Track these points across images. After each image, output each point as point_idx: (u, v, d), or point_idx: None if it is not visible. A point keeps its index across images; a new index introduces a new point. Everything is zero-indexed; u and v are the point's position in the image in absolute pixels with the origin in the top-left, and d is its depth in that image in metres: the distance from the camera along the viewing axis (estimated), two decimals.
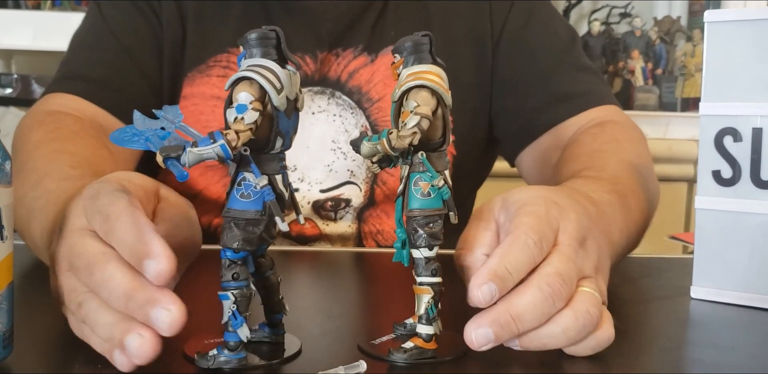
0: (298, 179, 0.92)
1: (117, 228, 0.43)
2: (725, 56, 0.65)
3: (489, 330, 0.44)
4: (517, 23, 0.95)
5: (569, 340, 0.46)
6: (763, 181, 0.63)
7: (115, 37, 0.91)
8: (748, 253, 0.64)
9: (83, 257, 0.44)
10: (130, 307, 0.42)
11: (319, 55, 0.92)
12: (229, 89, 0.44)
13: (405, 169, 0.48)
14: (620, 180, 0.68)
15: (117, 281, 0.42)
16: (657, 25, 2.52)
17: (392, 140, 0.44)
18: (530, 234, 0.46)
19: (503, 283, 0.44)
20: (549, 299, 0.44)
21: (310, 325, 0.56)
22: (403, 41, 0.47)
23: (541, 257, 0.46)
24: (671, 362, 0.50)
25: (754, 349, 0.54)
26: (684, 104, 2.44)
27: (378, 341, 0.51)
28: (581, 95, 0.91)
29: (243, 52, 0.45)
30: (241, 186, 0.44)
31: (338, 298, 0.67)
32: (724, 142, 0.65)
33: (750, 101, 0.64)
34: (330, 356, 0.49)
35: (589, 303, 0.46)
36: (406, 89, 0.46)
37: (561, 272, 0.45)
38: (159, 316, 0.41)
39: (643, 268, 0.78)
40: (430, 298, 0.47)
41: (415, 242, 0.47)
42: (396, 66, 0.46)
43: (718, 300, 0.65)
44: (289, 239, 0.93)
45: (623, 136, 0.83)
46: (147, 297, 0.42)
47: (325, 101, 0.93)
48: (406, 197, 0.48)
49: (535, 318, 0.45)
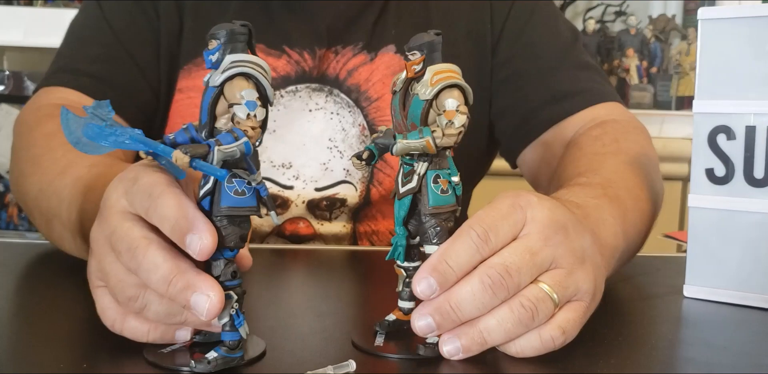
0: (293, 176, 0.91)
1: (160, 205, 0.43)
2: (719, 54, 0.65)
3: (430, 318, 0.46)
4: (518, 22, 0.95)
5: (507, 334, 0.46)
6: (757, 179, 0.63)
7: (112, 31, 0.90)
8: (741, 252, 0.64)
9: (125, 241, 0.44)
10: (171, 292, 0.43)
11: (317, 51, 0.92)
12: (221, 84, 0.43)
13: (421, 166, 0.48)
14: (614, 183, 0.67)
15: (158, 265, 0.43)
16: (652, 23, 2.52)
17: (437, 138, 0.45)
18: (474, 227, 0.46)
19: (443, 277, 0.46)
20: (488, 289, 0.45)
21: (300, 324, 0.55)
22: (420, 39, 0.47)
23: (487, 248, 0.46)
24: (664, 361, 0.50)
25: (746, 348, 0.54)
26: (679, 103, 2.44)
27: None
28: (583, 93, 0.91)
29: (218, 46, 0.43)
30: (232, 183, 0.44)
31: (329, 296, 0.67)
32: (718, 140, 0.65)
33: (743, 99, 0.63)
34: (319, 355, 0.48)
35: (526, 297, 0.46)
36: (441, 88, 0.46)
37: (507, 263, 0.46)
38: (198, 301, 0.42)
39: (636, 266, 0.78)
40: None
41: (432, 239, 0.48)
42: (414, 63, 0.46)
43: (711, 299, 0.65)
44: (283, 238, 0.93)
45: (624, 135, 0.82)
46: (186, 282, 0.43)
47: (323, 99, 0.92)
48: (424, 195, 0.48)
49: (475, 308, 0.45)
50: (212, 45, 0.42)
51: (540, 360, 0.48)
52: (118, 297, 0.46)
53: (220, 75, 0.42)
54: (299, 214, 0.92)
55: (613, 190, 0.65)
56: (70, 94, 0.86)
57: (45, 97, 0.87)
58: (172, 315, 0.45)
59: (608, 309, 0.63)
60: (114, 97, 0.87)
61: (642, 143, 0.82)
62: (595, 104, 0.90)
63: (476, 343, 0.46)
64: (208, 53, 0.43)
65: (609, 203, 0.61)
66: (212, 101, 0.43)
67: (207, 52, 0.43)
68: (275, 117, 0.91)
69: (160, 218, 0.44)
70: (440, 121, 0.47)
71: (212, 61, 0.43)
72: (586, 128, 0.86)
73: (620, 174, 0.70)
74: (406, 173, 0.48)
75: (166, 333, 0.46)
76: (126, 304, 0.45)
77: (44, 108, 0.84)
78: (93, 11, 0.92)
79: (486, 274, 0.45)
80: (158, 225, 0.44)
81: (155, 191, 0.44)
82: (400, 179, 0.49)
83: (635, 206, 0.67)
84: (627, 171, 0.72)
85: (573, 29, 0.99)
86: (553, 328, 0.47)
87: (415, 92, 0.47)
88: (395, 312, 0.52)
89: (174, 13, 0.91)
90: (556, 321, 0.47)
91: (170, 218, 0.43)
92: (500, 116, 0.95)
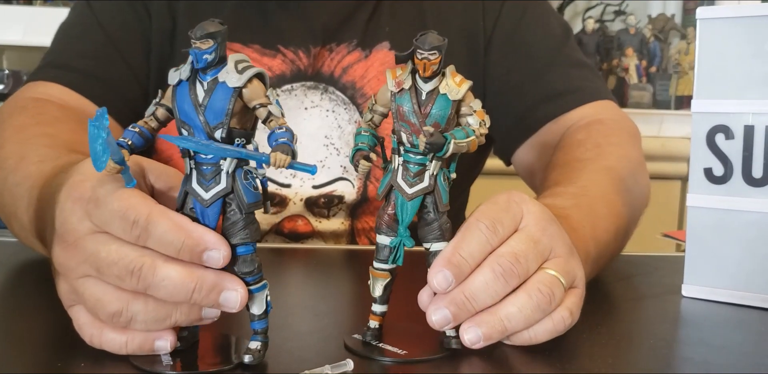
0: (291, 174, 0.92)
1: (155, 231, 0.43)
2: (717, 53, 0.65)
3: (446, 310, 0.47)
4: (510, 21, 0.95)
5: (527, 320, 0.47)
6: (755, 179, 0.63)
7: (102, 29, 0.90)
8: (739, 251, 0.63)
9: (122, 264, 0.43)
10: (195, 298, 0.43)
11: (312, 49, 0.92)
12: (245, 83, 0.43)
13: (435, 166, 0.48)
14: (588, 191, 0.69)
15: (173, 278, 0.43)
16: (651, 22, 2.52)
17: (478, 137, 0.47)
18: (482, 219, 0.48)
19: (458, 269, 0.47)
20: (500, 278, 0.47)
21: (297, 323, 0.55)
22: (437, 40, 0.46)
23: (497, 239, 0.48)
24: (662, 360, 0.50)
25: (745, 348, 0.53)
26: (678, 102, 2.44)
27: (357, 336, 0.51)
28: (575, 91, 0.91)
29: (215, 45, 0.42)
30: (248, 179, 0.45)
31: (327, 296, 0.67)
32: (716, 139, 0.65)
33: (742, 99, 0.63)
34: (317, 354, 0.48)
35: (541, 282, 0.48)
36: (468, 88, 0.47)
37: (515, 251, 0.47)
38: (229, 298, 0.44)
39: (634, 266, 0.78)
40: None
41: (445, 236, 0.48)
42: (434, 63, 0.46)
43: (709, 299, 0.65)
44: (281, 236, 0.93)
45: (607, 139, 0.82)
46: (211, 285, 0.44)
47: (318, 96, 0.92)
48: (437, 193, 0.48)
49: (489, 297, 0.47)
50: (207, 44, 0.42)
51: (538, 359, 0.48)
52: (99, 316, 0.45)
53: (236, 75, 0.43)
54: (297, 212, 0.92)
55: (586, 199, 0.67)
56: (56, 89, 0.86)
57: (28, 90, 0.87)
58: (161, 320, 0.44)
59: (606, 308, 0.63)
60: (101, 92, 0.86)
61: (624, 146, 0.83)
62: (587, 103, 0.90)
63: (497, 331, 0.47)
64: (203, 52, 0.42)
65: (577, 213, 0.63)
66: (233, 100, 0.43)
67: (201, 52, 0.42)
68: None
69: (162, 245, 0.43)
70: (472, 121, 0.48)
71: (207, 60, 0.42)
72: (573, 130, 0.87)
73: (596, 181, 0.72)
74: (415, 173, 0.48)
75: (145, 343, 0.45)
76: (110, 321, 0.44)
77: (22, 101, 0.84)
78: (83, 10, 0.93)
79: (497, 263, 0.47)
80: (158, 248, 0.43)
81: (139, 217, 0.43)
82: (407, 179, 0.48)
83: (609, 212, 0.68)
84: (603, 178, 0.73)
85: (565, 26, 0.99)
86: (562, 309, 0.48)
87: (442, 92, 0.47)
88: (373, 317, 0.51)
89: (166, 13, 0.91)
90: (564, 303, 0.49)
91: (174, 242, 0.43)
92: (493, 114, 0.95)
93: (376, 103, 0.49)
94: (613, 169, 0.75)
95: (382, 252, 0.49)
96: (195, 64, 0.43)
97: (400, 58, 0.47)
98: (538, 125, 0.92)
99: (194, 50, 0.42)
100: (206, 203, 0.44)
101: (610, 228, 0.67)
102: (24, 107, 0.81)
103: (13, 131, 0.76)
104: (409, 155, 0.48)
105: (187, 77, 0.43)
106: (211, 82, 0.43)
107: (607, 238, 0.65)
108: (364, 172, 0.48)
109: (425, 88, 0.47)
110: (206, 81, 0.43)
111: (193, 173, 0.44)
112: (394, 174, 0.49)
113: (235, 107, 0.43)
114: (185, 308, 0.45)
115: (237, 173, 0.44)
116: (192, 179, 0.44)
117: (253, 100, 0.43)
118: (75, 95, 0.86)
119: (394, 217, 0.49)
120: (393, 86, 0.48)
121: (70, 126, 0.76)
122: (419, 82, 0.47)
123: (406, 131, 0.48)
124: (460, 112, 0.48)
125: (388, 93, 0.48)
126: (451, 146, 0.46)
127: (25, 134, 0.74)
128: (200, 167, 0.44)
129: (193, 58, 0.42)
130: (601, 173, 0.74)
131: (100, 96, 0.87)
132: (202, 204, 0.44)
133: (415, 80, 0.47)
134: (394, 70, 0.48)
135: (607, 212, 0.67)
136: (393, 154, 0.49)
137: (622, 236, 0.71)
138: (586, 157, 0.78)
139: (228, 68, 0.43)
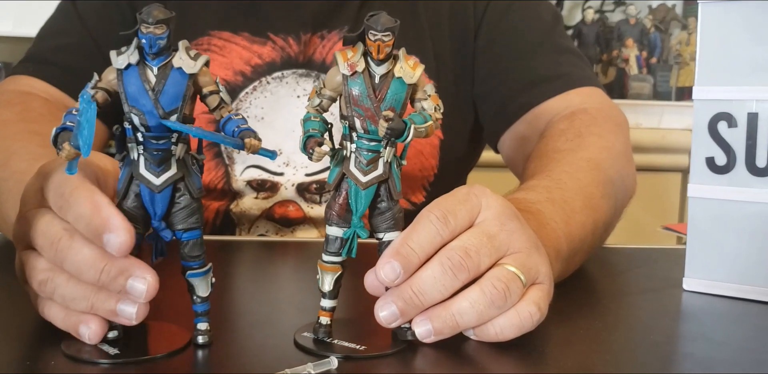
0: (284, 163, 0.91)
1: (72, 203, 0.43)
2: (719, 39, 0.63)
3: (394, 306, 0.46)
4: (499, 6, 0.95)
5: (480, 316, 0.46)
6: (759, 168, 0.61)
7: (84, 26, 0.92)
8: (742, 243, 0.62)
9: (47, 235, 0.44)
10: (103, 280, 0.43)
11: (302, 36, 0.91)
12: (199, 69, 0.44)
13: (388, 152, 0.46)
14: (563, 184, 0.67)
15: (85, 255, 0.43)
16: (652, 13, 2.50)
17: (434, 121, 0.45)
18: (434, 210, 0.47)
19: (406, 259, 0.45)
20: (449, 271, 0.45)
21: (283, 319, 0.54)
22: (390, 21, 0.44)
23: (447, 230, 0.46)
24: (662, 356, 0.49)
25: (747, 343, 0.52)
26: (679, 93, 2.42)
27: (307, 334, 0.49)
28: (560, 77, 0.90)
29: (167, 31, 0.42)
30: (194, 164, 0.46)
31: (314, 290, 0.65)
32: (719, 127, 0.63)
33: (745, 85, 0.61)
34: (299, 352, 0.46)
35: (496, 278, 0.46)
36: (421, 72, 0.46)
37: (466, 245, 0.46)
38: (135, 285, 0.43)
39: (633, 259, 0.77)
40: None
41: (398, 225, 0.47)
42: (388, 45, 0.44)
43: (710, 292, 0.63)
44: (272, 221, 0.92)
45: (590, 129, 0.80)
46: (119, 268, 0.43)
47: (310, 84, 0.92)
48: (392, 180, 0.47)
49: (437, 291, 0.45)
50: (161, 30, 0.42)
51: (535, 356, 0.47)
52: (32, 285, 0.45)
53: (191, 62, 0.43)
54: (289, 197, 0.91)
55: (560, 192, 0.65)
56: (39, 83, 0.88)
57: (12, 83, 0.88)
58: (79, 299, 0.44)
59: (605, 302, 0.61)
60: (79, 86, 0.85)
61: (607, 136, 0.80)
62: (572, 89, 0.89)
63: (448, 326, 0.46)
64: (158, 38, 0.42)
65: (551, 207, 0.62)
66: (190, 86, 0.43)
67: (155, 37, 0.42)
68: (263, 104, 0.92)
69: (74, 217, 0.43)
70: (426, 105, 0.46)
71: (160, 45, 0.42)
72: (556, 119, 0.85)
73: (573, 174, 0.70)
74: (369, 161, 0.46)
75: (75, 324, 0.45)
76: (39, 290, 0.45)
77: (6, 94, 0.85)
78: (66, 8, 0.94)
79: (446, 256, 0.45)
80: (73, 223, 0.44)
81: (66, 189, 0.44)
82: (360, 167, 0.46)
83: (585, 205, 0.66)
84: (581, 170, 0.71)
85: (554, 13, 0.98)
86: (529, 304, 0.47)
87: (397, 75, 0.45)
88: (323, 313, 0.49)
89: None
90: (530, 298, 0.47)
91: (84, 216, 0.43)
92: (482, 100, 0.95)
93: (325, 87, 0.47)
94: (593, 160, 0.73)
95: (332, 245, 0.48)
96: (149, 49, 0.42)
97: (349, 39, 0.45)
98: (520, 111, 0.90)
99: (149, 35, 0.42)
100: (157, 188, 0.44)
101: (586, 222, 0.65)
102: (9, 102, 0.83)
103: (0, 126, 0.77)
104: (363, 141, 0.46)
105: (136, 61, 0.43)
106: (163, 67, 0.43)
107: (583, 233, 0.64)
108: (320, 159, 0.45)
109: (378, 71, 0.45)
110: (156, 66, 0.43)
111: (141, 159, 0.44)
112: (346, 162, 0.47)
113: (187, 92, 0.43)
114: (103, 294, 0.44)
115: (185, 159, 0.45)
116: (140, 164, 0.44)
117: (205, 86, 0.44)
118: (56, 90, 0.88)
119: (346, 207, 0.47)
120: (345, 69, 0.45)
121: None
122: (372, 65, 0.45)
123: (360, 116, 0.45)
124: (416, 96, 0.46)
125: (338, 76, 0.46)
126: (411, 131, 0.44)
127: (13, 129, 0.75)
128: (150, 153, 0.44)
129: (147, 43, 0.42)
130: (579, 165, 0.72)
131: (78, 90, 0.86)
132: (153, 190, 0.44)
133: (367, 63, 0.45)
134: (344, 52, 0.46)
135: (582, 205, 0.65)
136: (344, 140, 0.47)
137: (601, 230, 0.69)
138: (566, 147, 0.77)
139: (180, 54, 0.43)
